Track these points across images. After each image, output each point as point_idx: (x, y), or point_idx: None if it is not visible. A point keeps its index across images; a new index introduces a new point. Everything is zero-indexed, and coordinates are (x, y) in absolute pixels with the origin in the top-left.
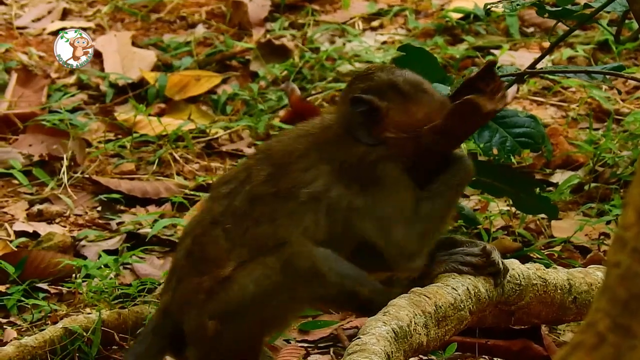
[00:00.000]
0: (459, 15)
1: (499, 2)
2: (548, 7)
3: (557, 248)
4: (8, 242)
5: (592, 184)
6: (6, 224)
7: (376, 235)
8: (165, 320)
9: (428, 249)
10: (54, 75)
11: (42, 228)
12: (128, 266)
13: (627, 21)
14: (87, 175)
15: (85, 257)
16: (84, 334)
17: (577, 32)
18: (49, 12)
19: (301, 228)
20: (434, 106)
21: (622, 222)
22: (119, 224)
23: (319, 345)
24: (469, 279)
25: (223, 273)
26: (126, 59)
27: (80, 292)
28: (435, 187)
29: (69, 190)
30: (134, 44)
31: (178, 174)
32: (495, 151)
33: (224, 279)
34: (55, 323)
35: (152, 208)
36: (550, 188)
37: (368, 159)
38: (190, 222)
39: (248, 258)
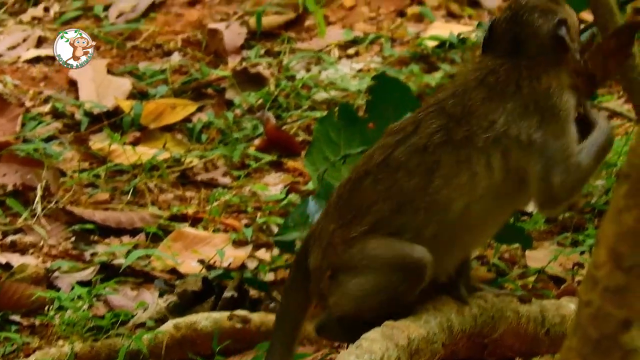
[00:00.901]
0: (435, 43)
1: (474, 30)
2: None
3: (531, 278)
4: None
5: (567, 214)
6: None
7: (539, 175)
8: (302, 251)
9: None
10: (28, 104)
11: (15, 259)
12: (101, 297)
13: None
14: (61, 206)
15: (58, 289)
16: None
17: None
18: (24, 40)
19: (465, 177)
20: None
21: (594, 261)
22: (92, 254)
23: None
24: (442, 312)
25: (354, 232)
26: (101, 87)
27: (53, 324)
28: (591, 141)
29: (42, 220)
30: (109, 72)
31: (152, 204)
32: None
33: (351, 239)
34: (27, 356)
35: (126, 238)
36: (525, 217)
37: (553, 87)
38: (357, 163)
39: (387, 214)
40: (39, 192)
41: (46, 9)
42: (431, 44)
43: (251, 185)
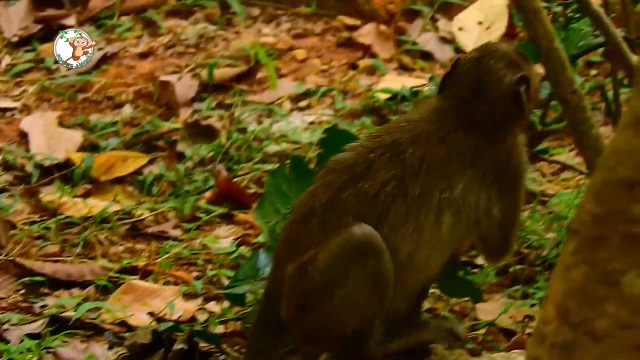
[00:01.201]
0: (387, 96)
1: (426, 83)
2: None
3: (482, 331)
4: None
5: (518, 267)
6: None
7: (489, 236)
8: (268, 306)
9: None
10: None
11: None
12: (51, 350)
13: (553, 103)
14: (11, 258)
15: (8, 341)
16: None
17: None
18: None
19: (412, 228)
20: None
21: (543, 317)
22: (42, 307)
23: None
24: None
25: (306, 257)
26: (53, 139)
27: None
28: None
29: None
30: (60, 124)
31: (103, 257)
32: None
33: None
34: None
35: (76, 291)
36: (476, 270)
37: (513, 154)
38: (300, 202)
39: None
40: None
41: None
42: (383, 96)
43: (202, 238)
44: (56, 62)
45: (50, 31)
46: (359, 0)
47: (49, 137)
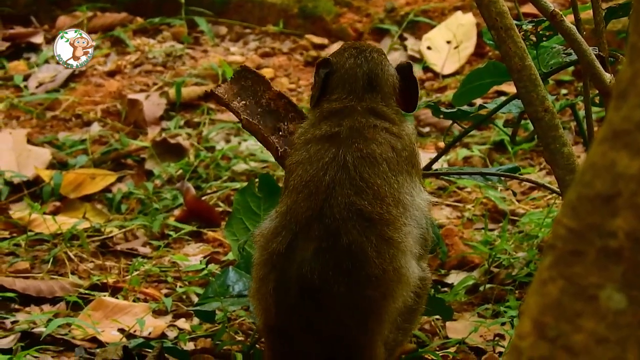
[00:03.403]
0: None
1: None
2: (443, 108)
3: (452, 349)
4: None
5: (488, 285)
6: None
7: (428, 225)
8: None
9: None
10: None
11: None
12: None
13: (522, 122)
14: None
15: None
16: None
17: (473, 132)
18: None
19: None
20: None
21: (518, 332)
22: (13, 322)
23: None
24: None
25: None
26: (21, 156)
27: None
28: None
29: None
30: (29, 141)
31: (73, 273)
32: None
33: None
34: None
35: (46, 307)
36: (445, 289)
37: (413, 137)
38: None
39: None
40: None
41: None
42: None
43: (171, 255)
44: (25, 79)
45: (18, 48)
46: (326, 19)
47: (18, 154)
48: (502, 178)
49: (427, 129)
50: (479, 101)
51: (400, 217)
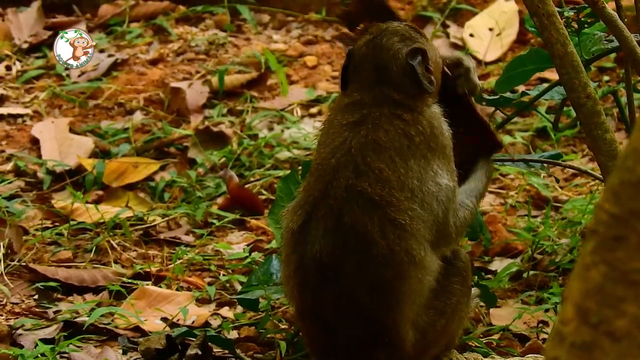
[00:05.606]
0: None
1: None
2: (486, 95)
3: (496, 336)
4: None
5: (531, 272)
6: None
7: (444, 212)
8: None
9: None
10: None
11: None
12: (65, 355)
13: (565, 108)
14: (24, 263)
15: (21, 346)
16: None
17: (515, 119)
18: None
19: None
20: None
21: (561, 317)
22: (55, 312)
23: None
24: None
25: None
26: (64, 145)
27: None
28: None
29: (5, 278)
30: (71, 130)
31: (115, 262)
32: None
33: None
34: None
35: (89, 296)
36: (489, 276)
37: (436, 127)
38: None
39: None
40: (1, 250)
41: (8, 68)
42: None
43: (214, 243)
44: (67, 67)
45: None
46: None
47: (60, 143)
48: (545, 165)
49: None
50: (521, 88)
51: (405, 200)
